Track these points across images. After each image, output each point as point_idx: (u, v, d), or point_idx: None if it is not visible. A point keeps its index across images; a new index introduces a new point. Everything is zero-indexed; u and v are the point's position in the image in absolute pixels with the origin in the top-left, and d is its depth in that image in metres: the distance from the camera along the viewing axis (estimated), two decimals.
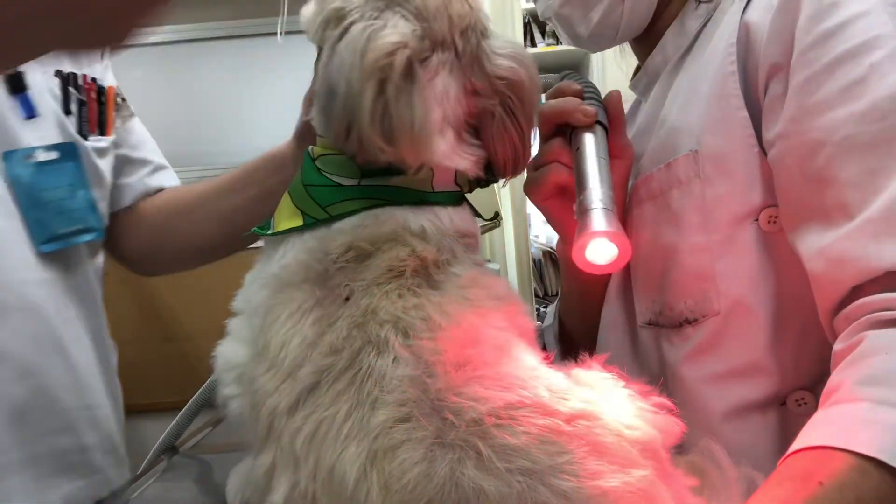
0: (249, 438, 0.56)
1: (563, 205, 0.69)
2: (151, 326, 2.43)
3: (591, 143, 0.62)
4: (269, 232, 0.58)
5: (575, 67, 3.80)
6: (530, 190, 0.71)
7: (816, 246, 0.55)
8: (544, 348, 0.55)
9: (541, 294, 3.51)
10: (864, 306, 0.51)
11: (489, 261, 1.86)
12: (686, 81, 0.70)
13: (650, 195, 0.69)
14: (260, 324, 0.55)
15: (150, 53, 2.34)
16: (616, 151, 0.69)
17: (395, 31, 0.53)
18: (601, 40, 0.77)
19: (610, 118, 0.69)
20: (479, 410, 0.43)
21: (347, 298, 0.51)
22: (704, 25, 0.71)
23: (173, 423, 0.94)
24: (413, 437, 0.44)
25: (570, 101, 0.67)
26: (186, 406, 0.95)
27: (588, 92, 0.68)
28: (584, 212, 0.57)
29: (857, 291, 0.52)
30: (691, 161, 0.64)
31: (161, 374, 2.39)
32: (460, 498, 0.41)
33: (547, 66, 3.74)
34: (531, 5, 3.49)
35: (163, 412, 2.37)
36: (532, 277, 2.68)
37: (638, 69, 0.84)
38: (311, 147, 0.60)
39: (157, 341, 2.40)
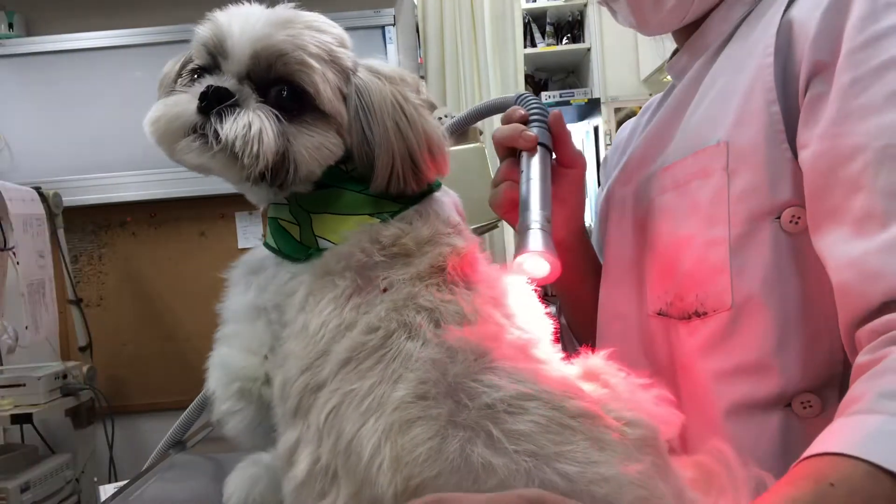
0: (256, 436, 0.57)
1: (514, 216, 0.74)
2: (151, 326, 2.43)
3: (532, 166, 0.67)
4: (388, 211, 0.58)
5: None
6: (491, 205, 0.75)
7: (846, 255, 0.53)
8: (563, 347, 0.56)
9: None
10: (893, 322, 0.49)
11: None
12: (721, 72, 0.68)
13: (674, 184, 0.68)
14: (289, 310, 0.56)
15: (150, 53, 2.34)
16: (567, 161, 0.74)
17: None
18: (665, 26, 0.76)
19: (554, 136, 0.71)
20: (492, 396, 0.45)
21: (385, 290, 0.53)
22: (747, 16, 0.69)
23: (179, 420, 0.93)
24: (428, 413, 0.45)
25: (514, 128, 0.70)
26: (194, 402, 0.94)
27: (534, 115, 0.71)
28: (522, 231, 0.62)
29: (887, 307, 0.50)
30: (719, 152, 0.63)
31: (161, 374, 2.40)
32: (469, 472, 0.43)
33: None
34: (531, 5, 3.49)
35: (163, 412, 2.38)
36: None
37: (675, 52, 0.82)
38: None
39: (157, 341, 2.40)
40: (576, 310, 0.85)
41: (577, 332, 0.87)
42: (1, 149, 2.35)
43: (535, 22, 3.54)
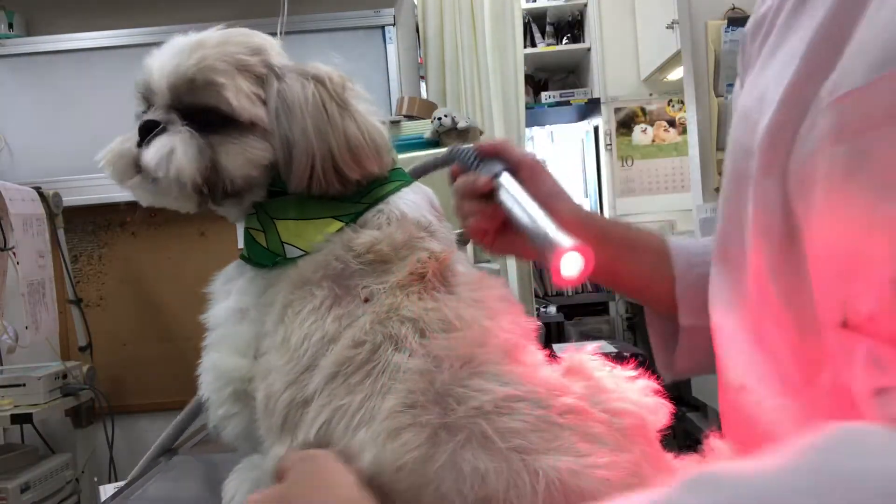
0: (254, 439, 0.57)
1: (494, 242, 0.72)
2: (151, 326, 2.43)
3: (506, 196, 0.66)
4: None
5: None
6: (465, 238, 0.74)
7: None
8: (544, 346, 0.55)
9: (541, 294, 3.51)
10: None
11: (489, 261, 1.86)
12: None
13: (843, 129, 0.41)
14: (268, 321, 0.56)
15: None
16: (520, 165, 0.70)
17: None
18: None
19: (492, 154, 0.69)
20: (480, 400, 0.45)
21: (367, 300, 0.53)
22: None
23: (173, 424, 0.94)
24: (418, 420, 0.46)
25: (467, 179, 0.69)
26: (187, 407, 0.94)
27: (471, 158, 0.71)
28: (541, 240, 0.59)
29: None
30: None
31: (161, 375, 2.39)
32: (458, 478, 0.43)
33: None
34: (531, 5, 3.50)
35: (163, 412, 2.38)
36: (532, 277, 2.69)
37: None
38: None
39: (157, 341, 2.40)
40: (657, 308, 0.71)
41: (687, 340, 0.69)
42: (1, 149, 2.35)
43: (535, 22, 3.54)
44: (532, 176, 0.70)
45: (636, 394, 0.50)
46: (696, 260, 0.70)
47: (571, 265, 0.57)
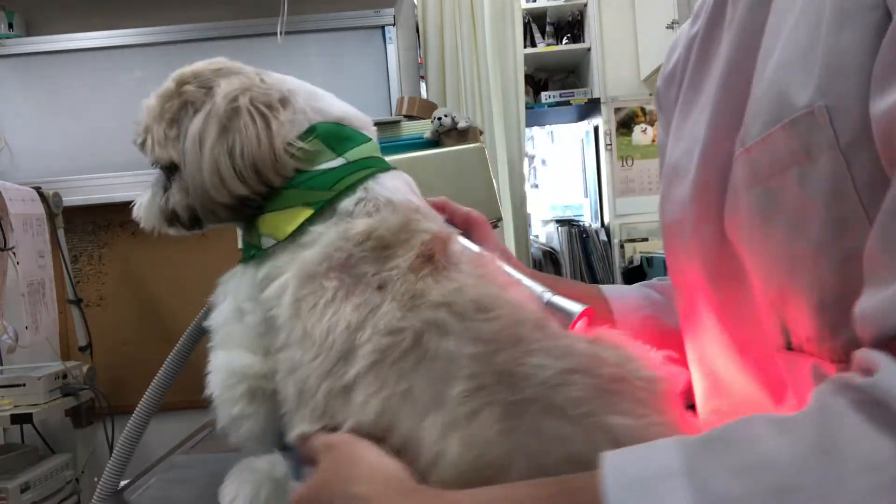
0: (267, 440, 0.58)
1: None
2: (151, 326, 2.43)
3: None
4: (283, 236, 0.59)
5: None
6: None
7: None
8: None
9: None
10: None
11: None
12: None
13: (756, 175, 0.47)
14: (278, 316, 0.57)
15: (150, 53, 2.34)
16: (477, 229, 0.73)
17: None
18: None
19: (439, 212, 0.67)
20: (543, 375, 0.48)
21: (380, 287, 0.54)
22: None
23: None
24: (491, 400, 0.48)
25: None
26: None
27: None
28: (551, 311, 0.63)
29: None
30: (814, 123, 0.41)
31: None
32: (542, 441, 0.47)
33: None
34: (531, 5, 3.49)
35: (163, 412, 2.38)
36: None
37: None
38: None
39: (157, 341, 2.40)
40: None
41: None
42: (1, 149, 2.35)
43: (535, 22, 3.54)
44: (483, 234, 0.73)
45: (657, 361, 0.53)
46: (631, 305, 0.78)
47: (581, 323, 0.64)
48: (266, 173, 0.60)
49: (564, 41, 3.53)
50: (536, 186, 4.22)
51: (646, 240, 3.27)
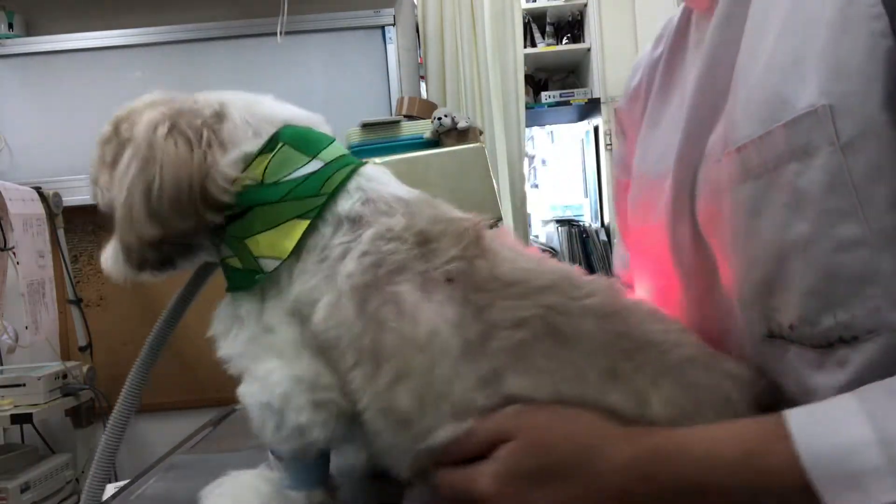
0: (323, 452, 0.58)
1: None
2: (151, 326, 2.42)
3: None
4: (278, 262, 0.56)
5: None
6: None
7: None
8: None
9: None
10: None
11: None
12: None
13: (747, 172, 0.50)
14: (341, 339, 0.54)
15: (150, 53, 2.34)
16: None
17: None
18: None
19: None
20: (659, 339, 0.54)
21: (449, 280, 0.54)
22: None
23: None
24: (639, 366, 0.53)
25: None
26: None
27: None
28: None
29: None
30: (816, 122, 0.45)
31: (161, 374, 2.39)
32: (688, 385, 0.53)
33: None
34: (531, 5, 3.49)
35: (163, 412, 2.38)
36: None
37: None
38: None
39: None
40: None
41: None
42: (1, 149, 2.35)
43: (535, 22, 3.54)
44: None
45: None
46: None
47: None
48: (196, 202, 0.57)
49: (564, 41, 3.53)
50: (536, 186, 4.23)
51: None
